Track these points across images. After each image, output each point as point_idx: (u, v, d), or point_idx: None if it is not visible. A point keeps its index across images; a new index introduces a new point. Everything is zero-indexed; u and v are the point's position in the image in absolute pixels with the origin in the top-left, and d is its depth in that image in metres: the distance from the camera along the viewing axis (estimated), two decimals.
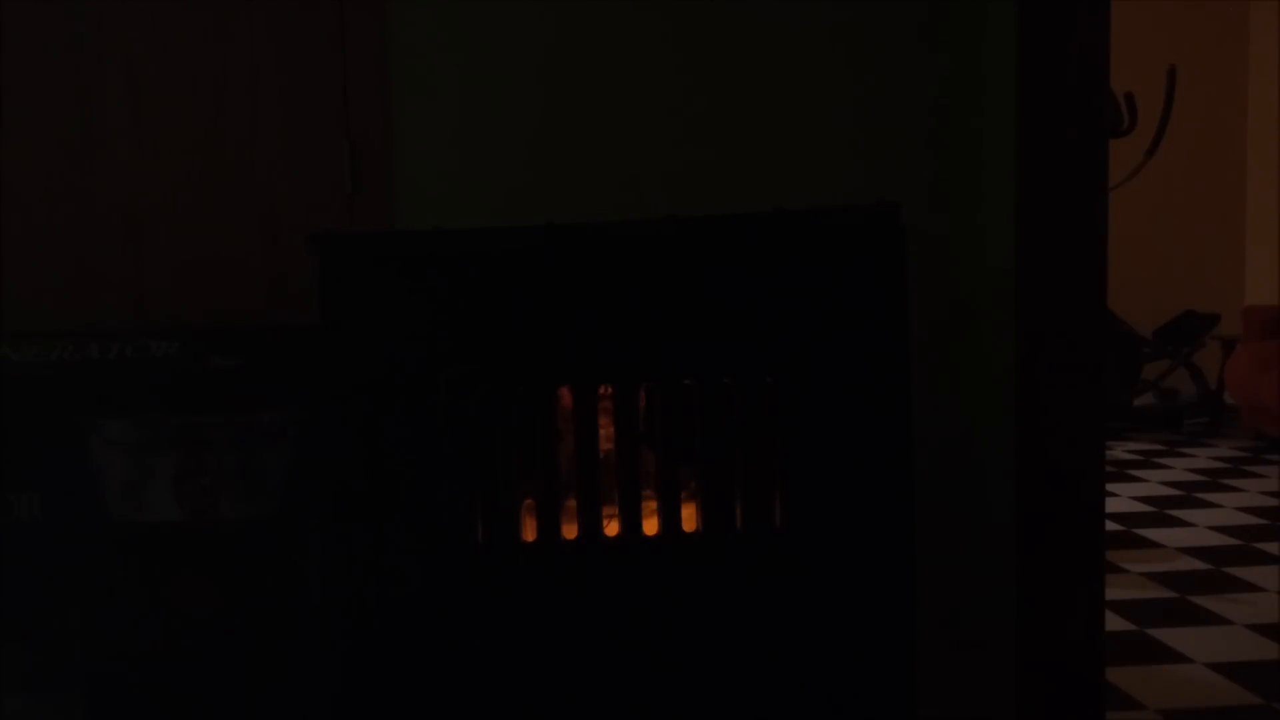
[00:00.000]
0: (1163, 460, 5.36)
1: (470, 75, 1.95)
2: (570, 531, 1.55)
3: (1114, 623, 2.86)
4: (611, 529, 1.56)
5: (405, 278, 1.52)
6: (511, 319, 1.52)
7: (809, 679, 1.59)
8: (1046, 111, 2.06)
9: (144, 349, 1.88)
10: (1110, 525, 3.69)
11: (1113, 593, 2.34)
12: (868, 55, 2.00)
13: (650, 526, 1.57)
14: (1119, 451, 5.52)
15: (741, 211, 1.78)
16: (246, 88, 2.02)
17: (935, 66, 2.09)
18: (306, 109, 1.96)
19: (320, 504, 1.55)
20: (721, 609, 1.57)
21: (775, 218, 1.58)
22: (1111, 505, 4.29)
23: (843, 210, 1.57)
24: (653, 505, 1.58)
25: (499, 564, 1.55)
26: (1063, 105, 2.06)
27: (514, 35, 1.94)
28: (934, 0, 2.09)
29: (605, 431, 1.56)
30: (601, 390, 1.55)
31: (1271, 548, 3.70)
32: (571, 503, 1.56)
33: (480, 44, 1.94)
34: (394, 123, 1.97)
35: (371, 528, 1.52)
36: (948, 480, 2.11)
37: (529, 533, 1.56)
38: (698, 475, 1.58)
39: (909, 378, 1.59)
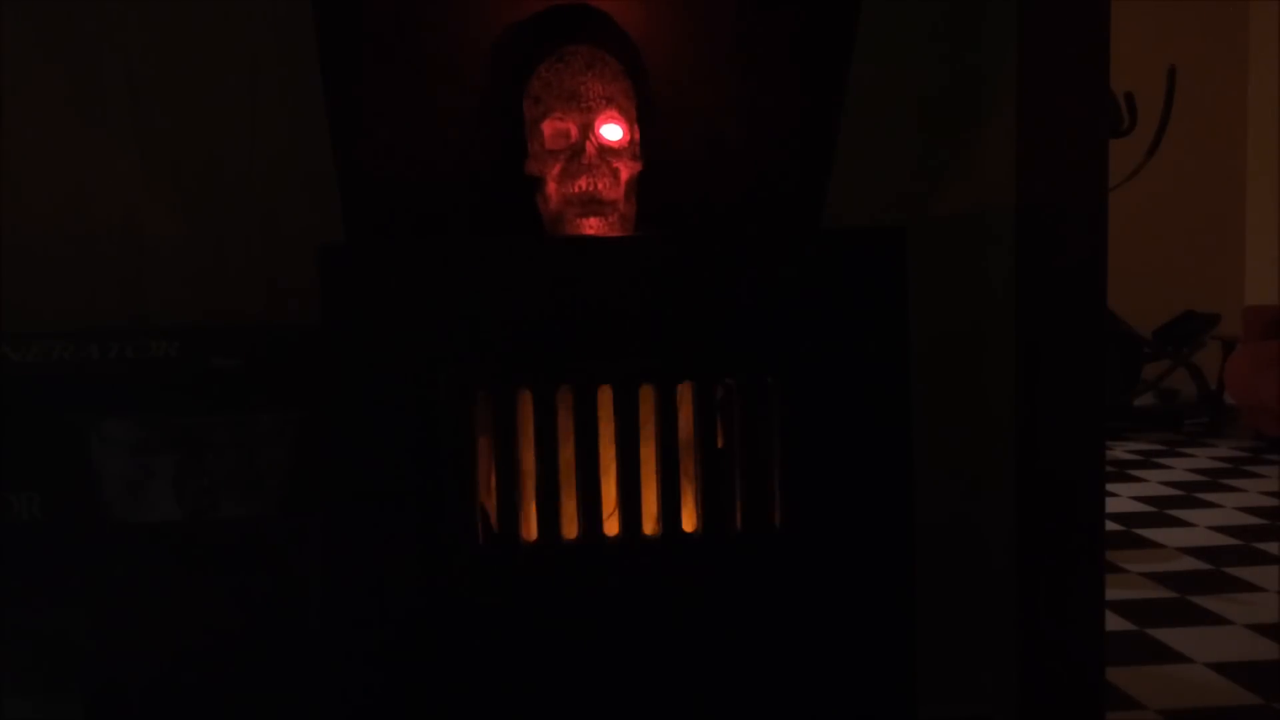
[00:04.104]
0: (1163, 460, 5.36)
1: None
2: (570, 531, 1.55)
3: (1114, 623, 2.86)
4: (611, 528, 1.56)
5: (407, 280, 1.52)
6: (512, 321, 1.53)
7: (809, 678, 1.59)
8: (1046, 113, 2.06)
9: (144, 349, 1.88)
10: (1110, 525, 3.69)
11: (1113, 593, 2.34)
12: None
13: (650, 526, 1.57)
14: (1119, 451, 5.52)
15: (746, 229, 1.78)
16: (247, 88, 2.02)
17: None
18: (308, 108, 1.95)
19: (320, 504, 1.55)
20: (721, 608, 1.57)
21: (782, 235, 1.58)
22: (1111, 505, 4.29)
23: (848, 230, 1.57)
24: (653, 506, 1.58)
25: (499, 564, 1.55)
26: (1063, 103, 2.06)
27: None
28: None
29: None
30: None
31: (1271, 548, 3.70)
32: (571, 502, 1.56)
33: None
34: None
35: (371, 528, 1.52)
36: (948, 481, 2.11)
37: (529, 532, 1.56)
38: (698, 475, 1.58)
39: (909, 381, 1.59)
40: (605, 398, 1.54)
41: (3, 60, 1.98)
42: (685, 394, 1.57)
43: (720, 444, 1.57)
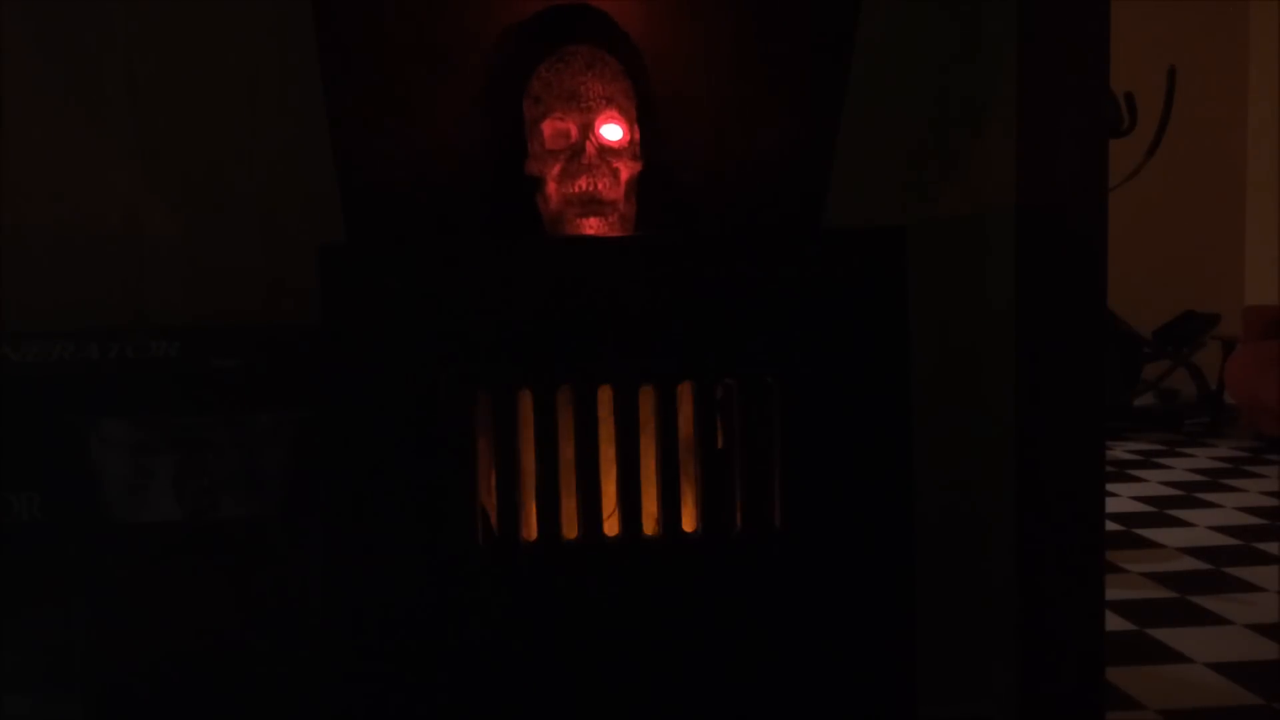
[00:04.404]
0: (1163, 460, 5.36)
1: None
2: (570, 531, 1.55)
3: (1114, 623, 2.86)
4: (611, 528, 1.56)
5: (407, 280, 1.52)
6: (512, 321, 1.53)
7: (809, 678, 1.59)
8: (1046, 113, 2.06)
9: (144, 349, 1.88)
10: (1110, 525, 3.69)
11: (1113, 593, 2.34)
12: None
13: (650, 526, 1.57)
14: (1119, 451, 5.52)
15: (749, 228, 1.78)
16: (247, 88, 2.02)
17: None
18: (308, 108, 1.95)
19: (320, 504, 1.55)
20: (721, 608, 1.57)
21: (782, 235, 1.58)
22: (1111, 505, 4.28)
23: (849, 230, 1.57)
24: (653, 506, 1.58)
25: (499, 564, 1.55)
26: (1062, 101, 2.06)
27: None
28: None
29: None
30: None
31: (1271, 548, 3.70)
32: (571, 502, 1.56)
33: None
34: None
35: (371, 528, 1.52)
36: (948, 481, 2.11)
37: (529, 532, 1.56)
38: (698, 475, 1.58)
39: (909, 381, 1.59)
40: (605, 398, 1.54)
41: (3, 60, 1.98)
42: (685, 394, 1.57)
43: (720, 444, 1.57)
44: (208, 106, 2.02)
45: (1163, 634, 2.84)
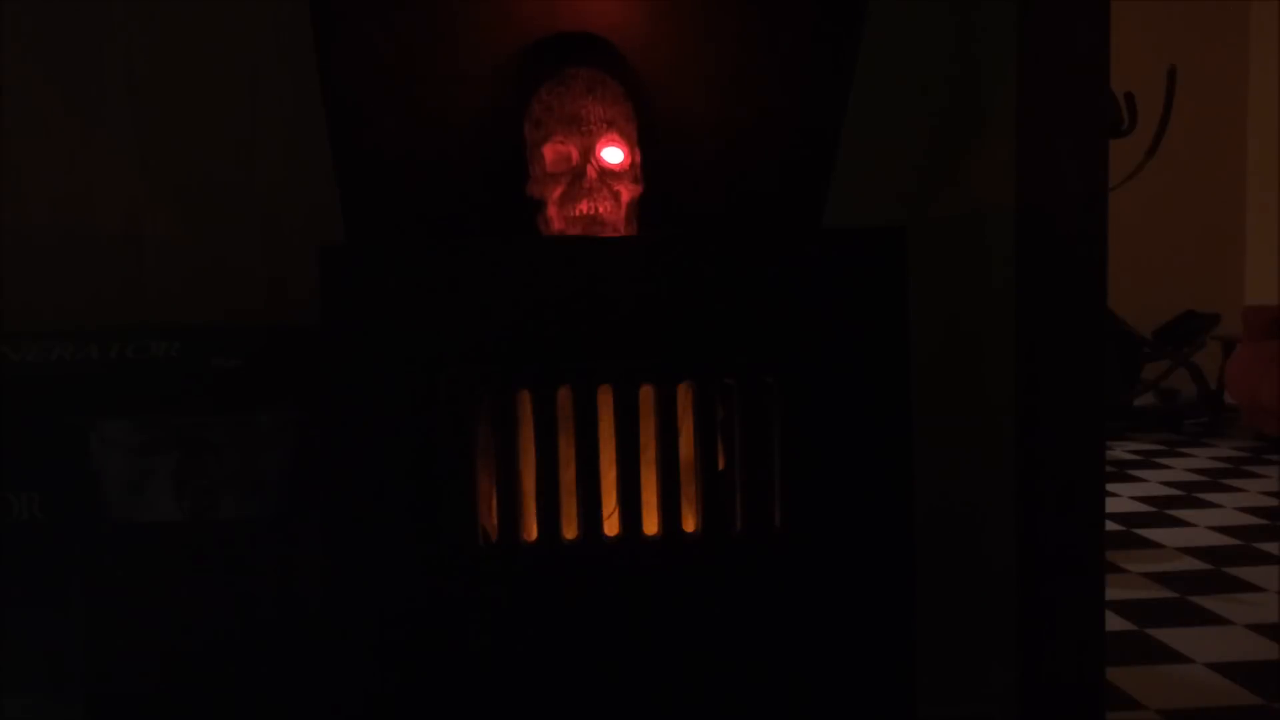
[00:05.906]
0: (1163, 460, 5.36)
1: None
2: (570, 531, 1.55)
3: (1114, 623, 2.86)
4: (611, 528, 1.56)
5: (407, 280, 1.52)
6: (512, 321, 1.53)
7: (809, 678, 1.59)
8: (1046, 113, 2.06)
9: (144, 349, 1.87)
10: (1110, 525, 3.69)
11: (1113, 593, 2.34)
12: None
13: (650, 526, 1.57)
14: (1119, 451, 5.52)
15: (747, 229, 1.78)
16: (248, 88, 2.02)
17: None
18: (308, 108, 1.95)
19: (320, 504, 1.55)
20: (721, 609, 1.57)
21: (783, 235, 1.58)
22: (1111, 505, 4.29)
23: (849, 230, 1.56)
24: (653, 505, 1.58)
25: (499, 565, 1.55)
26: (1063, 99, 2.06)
27: None
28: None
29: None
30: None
31: (1271, 548, 3.70)
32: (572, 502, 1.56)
33: None
34: None
35: (372, 528, 1.52)
36: (947, 481, 2.11)
37: (529, 533, 1.56)
38: (698, 474, 1.58)
39: (909, 381, 1.59)
40: (605, 397, 1.54)
41: (3, 60, 1.98)
42: (686, 402, 1.57)
43: (721, 465, 1.57)
44: (208, 107, 2.02)
45: (1163, 634, 2.84)
